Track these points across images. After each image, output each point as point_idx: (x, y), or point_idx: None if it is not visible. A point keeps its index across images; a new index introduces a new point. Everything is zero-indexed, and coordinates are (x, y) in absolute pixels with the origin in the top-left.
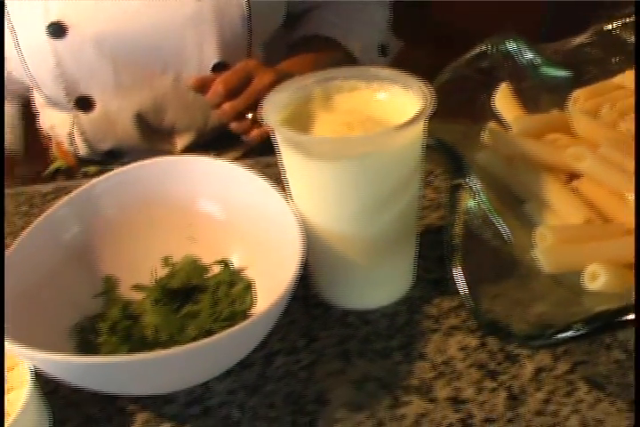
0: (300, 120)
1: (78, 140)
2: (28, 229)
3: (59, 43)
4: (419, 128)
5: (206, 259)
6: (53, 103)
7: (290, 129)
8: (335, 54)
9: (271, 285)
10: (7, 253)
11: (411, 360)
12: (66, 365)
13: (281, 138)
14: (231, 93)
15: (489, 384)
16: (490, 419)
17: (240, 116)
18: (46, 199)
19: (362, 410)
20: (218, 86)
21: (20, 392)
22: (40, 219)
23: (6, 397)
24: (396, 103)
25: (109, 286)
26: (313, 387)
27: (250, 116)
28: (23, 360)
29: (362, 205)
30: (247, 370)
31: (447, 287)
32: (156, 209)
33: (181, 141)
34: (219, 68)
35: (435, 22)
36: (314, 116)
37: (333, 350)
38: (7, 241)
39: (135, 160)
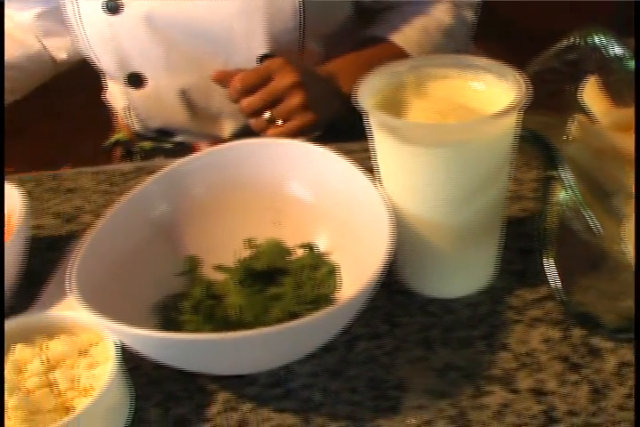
0: (392, 106)
1: (131, 113)
2: (116, 205)
3: (114, 19)
4: (513, 118)
5: (289, 242)
6: (110, 77)
7: (388, 113)
8: (397, 58)
9: (357, 270)
10: (96, 228)
11: (493, 350)
12: (153, 340)
13: (375, 122)
14: (248, 90)
15: (572, 377)
16: (573, 412)
17: (257, 113)
18: (126, 178)
19: (444, 398)
20: (236, 82)
21: (105, 367)
22: (129, 195)
23: (91, 372)
24: (490, 92)
25: (192, 265)
26: (395, 373)
27: (267, 115)
28: (107, 336)
29: (452, 193)
30: (329, 354)
31: (529, 279)
32: (242, 191)
33: (229, 126)
34: (266, 58)
35: (500, 20)
36: (406, 102)
37: (415, 338)
38: (87, 219)
39: (187, 139)
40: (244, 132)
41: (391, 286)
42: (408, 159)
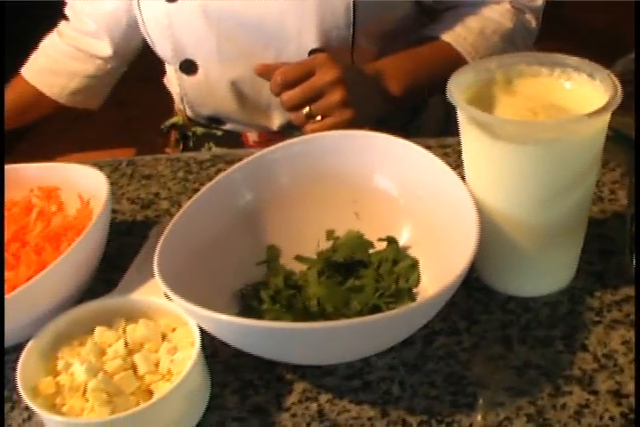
0: (482, 102)
1: (184, 99)
2: (201, 191)
3: (171, 6)
4: (606, 118)
5: (369, 235)
6: (167, 62)
7: (477, 109)
8: (450, 60)
9: (439, 265)
10: (180, 213)
11: (572, 351)
12: (238, 327)
13: (465, 117)
14: (289, 85)
15: None
16: None
17: (296, 107)
18: (202, 167)
19: (522, 396)
20: (277, 76)
21: (185, 353)
22: (213, 182)
23: (171, 356)
24: (580, 91)
25: (272, 254)
26: (473, 369)
27: (306, 110)
28: (188, 321)
29: (540, 191)
30: (408, 348)
31: (609, 280)
32: (325, 182)
33: (278, 118)
34: (317, 53)
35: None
36: (495, 99)
37: (494, 335)
38: (163, 206)
39: (236, 128)
40: (294, 125)
41: (470, 283)
42: (497, 155)
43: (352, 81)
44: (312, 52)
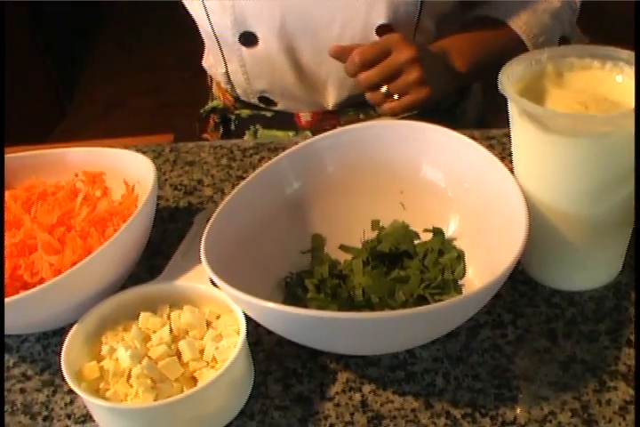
0: (532, 94)
1: (235, 76)
2: (248, 178)
3: None
4: None
5: (415, 226)
6: (215, 37)
7: (530, 101)
8: (505, 39)
9: (485, 258)
10: (227, 200)
11: (618, 346)
12: (286, 315)
13: (517, 110)
14: (366, 65)
15: None
16: None
17: (374, 87)
18: (246, 154)
19: (567, 391)
20: (355, 57)
21: (230, 340)
22: (261, 169)
23: (215, 344)
24: (632, 85)
25: (317, 243)
26: (518, 363)
27: (384, 89)
28: (234, 308)
29: (590, 185)
30: (452, 340)
31: None
32: (372, 171)
33: (334, 96)
34: (383, 29)
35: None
36: (546, 91)
37: (539, 328)
38: (206, 192)
39: (289, 107)
40: (348, 103)
41: (515, 276)
42: (549, 149)
43: (426, 60)
44: (379, 29)
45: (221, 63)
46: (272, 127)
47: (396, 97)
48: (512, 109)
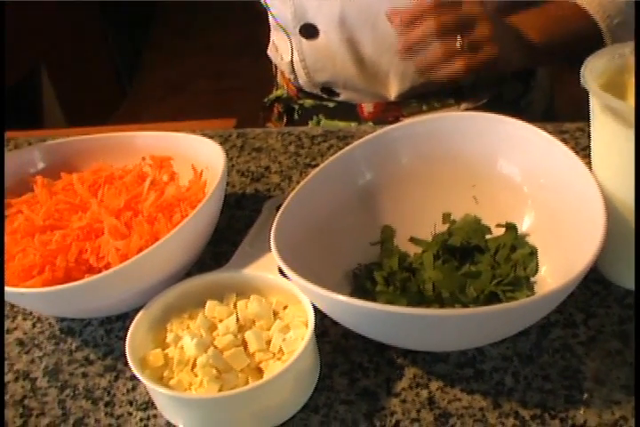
0: (614, 89)
1: (298, 67)
2: (320, 167)
3: None
4: None
5: (486, 220)
6: (280, 27)
7: (615, 97)
8: (578, 20)
9: (560, 256)
10: (298, 188)
11: None
12: (359, 309)
13: (599, 105)
14: (441, 5)
15: None
16: None
17: (446, 34)
18: (314, 142)
19: None
20: None
21: (298, 333)
22: (333, 158)
23: (282, 335)
24: None
25: (387, 235)
26: (590, 364)
27: (458, 39)
28: (302, 299)
29: None
30: (522, 338)
31: None
32: (445, 163)
33: (396, 87)
34: None
35: None
36: (629, 86)
37: (611, 330)
38: (274, 179)
39: (351, 98)
40: (411, 94)
41: (588, 275)
42: (630, 145)
43: (496, 21)
44: None
45: (287, 53)
46: (335, 118)
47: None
48: (593, 104)
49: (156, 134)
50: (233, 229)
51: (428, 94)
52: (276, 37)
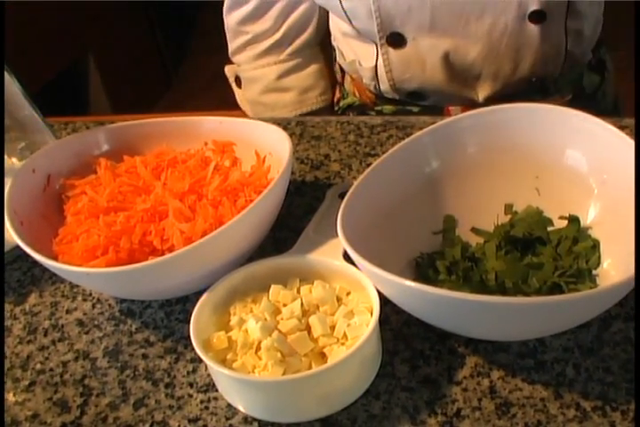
0: None
1: (383, 75)
2: (387, 153)
3: None
4: None
5: (548, 212)
6: (362, 37)
7: None
8: None
9: (622, 249)
10: (364, 175)
11: None
12: (426, 295)
13: None
14: None
15: None
16: None
17: None
18: (374, 131)
19: None
20: None
21: (362, 319)
22: (400, 145)
23: (347, 320)
24: None
25: (449, 224)
26: None
27: None
28: (367, 286)
29: None
30: (583, 330)
31: None
32: (509, 155)
33: (485, 90)
34: (536, 15)
35: None
36: None
37: None
38: (334, 167)
39: (439, 102)
40: (499, 96)
41: None
42: None
43: None
44: (532, 15)
45: (367, 59)
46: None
47: None
48: None
49: (220, 119)
50: (293, 216)
51: (515, 96)
52: (355, 44)
